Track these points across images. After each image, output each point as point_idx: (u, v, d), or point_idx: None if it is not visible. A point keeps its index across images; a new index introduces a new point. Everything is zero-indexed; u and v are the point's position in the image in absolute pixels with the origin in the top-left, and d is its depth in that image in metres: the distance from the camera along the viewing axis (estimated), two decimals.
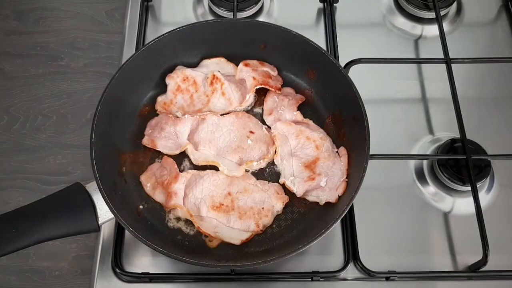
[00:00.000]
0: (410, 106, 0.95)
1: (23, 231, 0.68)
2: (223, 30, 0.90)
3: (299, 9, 1.06)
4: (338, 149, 0.84)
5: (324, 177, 0.80)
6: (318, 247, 0.81)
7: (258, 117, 0.89)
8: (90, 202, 0.72)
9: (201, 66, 0.92)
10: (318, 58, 0.86)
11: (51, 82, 2.13)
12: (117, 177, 0.81)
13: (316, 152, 0.83)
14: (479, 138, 0.87)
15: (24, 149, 1.99)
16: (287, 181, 0.82)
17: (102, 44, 2.21)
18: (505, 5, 1.07)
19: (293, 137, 0.85)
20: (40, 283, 1.75)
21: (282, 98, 0.88)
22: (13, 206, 0.79)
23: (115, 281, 0.78)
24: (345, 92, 0.82)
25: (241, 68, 0.88)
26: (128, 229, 0.70)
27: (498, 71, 0.99)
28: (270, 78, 0.89)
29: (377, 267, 0.78)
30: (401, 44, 1.03)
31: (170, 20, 1.05)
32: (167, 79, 0.89)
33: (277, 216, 0.81)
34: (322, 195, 0.80)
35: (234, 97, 0.88)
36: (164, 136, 0.85)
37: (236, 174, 0.82)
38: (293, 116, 0.88)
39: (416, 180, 0.87)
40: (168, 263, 0.80)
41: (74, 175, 1.94)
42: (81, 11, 2.29)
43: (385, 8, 1.07)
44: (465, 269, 0.80)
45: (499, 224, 0.83)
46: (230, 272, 0.78)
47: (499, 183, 0.87)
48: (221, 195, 0.80)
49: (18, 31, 2.24)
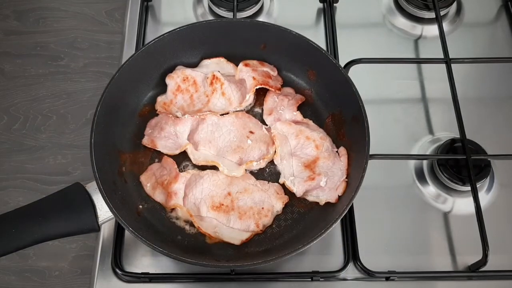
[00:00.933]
0: (410, 106, 0.95)
1: (23, 231, 0.68)
2: (223, 30, 0.90)
3: (299, 9, 1.06)
4: (338, 149, 0.84)
5: (324, 177, 0.80)
6: (318, 247, 0.81)
7: (258, 117, 0.89)
8: (90, 202, 0.72)
9: (201, 66, 0.92)
10: (318, 58, 0.86)
11: (51, 82, 2.13)
12: (117, 177, 0.81)
13: (316, 152, 0.83)
14: (479, 138, 0.87)
15: (24, 149, 1.99)
16: (287, 181, 0.82)
17: (102, 44, 2.21)
18: (505, 5, 1.07)
19: (293, 137, 0.85)
20: (40, 283, 1.75)
21: (282, 98, 0.88)
22: (13, 206, 0.79)
23: (115, 281, 0.78)
24: (345, 92, 0.82)
25: (241, 68, 0.88)
26: (128, 229, 0.70)
27: (498, 71, 0.99)
28: (270, 78, 0.89)
29: (377, 267, 0.78)
30: (401, 44, 1.03)
31: (170, 20, 1.05)
32: (167, 79, 0.89)
33: (277, 216, 0.81)
34: (322, 195, 0.80)
35: (234, 97, 0.88)
36: (164, 136, 0.85)
37: (236, 174, 0.82)
38: (293, 116, 0.88)
39: (416, 180, 0.87)
40: (168, 263, 0.80)
41: (74, 175, 1.94)
42: (81, 11, 2.29)
43: (385, 8, 1.07)
44: (465, 269, 0.80)
45: (499, 224, 0.83)
46: (230, 272, 0.78)
47: (499, 183, 0.87)
48: (221, 195, 0.80)
49: (18, 31, 2.24)
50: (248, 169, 0.84)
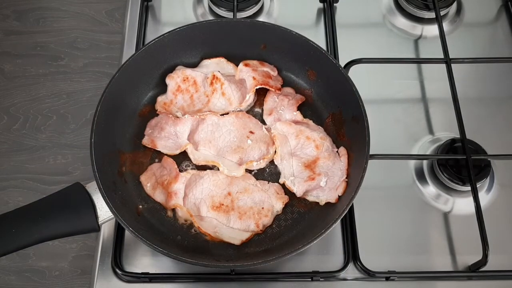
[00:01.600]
0: (410, 106, 0.95)
1: (23, 231, 0.68)
2: (223, 30, 0.89)
3: (299, 9, 1.06)
4: (338, 149, 0.84)
5: (324, 177, 0.80)
6: (318, 247, 0.81)
7: (258, 117, 0.89)
8: (90, 202, 0.72)
9: (201, 66, 0.92)
10: (318, 58, 0.86)
11: (51, 82, 2.13)
12: (117, 177, 0.81)
13: (316, 152, 0.83)
14: (479, 138, 0.87)
15: (24, 149, 1.99)
16: (287, 181, 0.82)
17: (102, 44, 2.21)
18: (505, 5, 1.07)
19: (293, 137, 0.85)
20: (40, 283, 1.75)
21: (282, 98, 0.88)
22: (12, 206, 0.79)
23: (115, 281, 0.78)
24: (345, 92, 0.82)
25: (241, 68, 0.88)
26: (128, 229, 0.70)
27: (498, 71, 0.99)
28: (270, 78, 0.89)
29: (377, 267, 0.78)
30: (401, 44, 1.03)
31: (170, 20, 1.05)
32: (167, 79, 0.89)
33: (277, 216, 0.81)
34: (322, 195, 0.80)
35: (234, 97, 0.88)
36: (164, 136, 0.85)
37: (236, 174, 0.82)
38: (293, 116, 0.88)
39: (416, 180, 0.87)
40: (168, 263, 0.80)
41: (74, 175, 1.94)
42: (81, 11, 2.29)
43: (385, 8, 1.07)
44: (465, 269, 0.80)
45: (499, 224, 0.83)
46: (230, 272, 0.78)
47: (499, 183, 0.87)
48: (221, 195, 0.80)
49: (18, 31, 2.24)
50: (248, 169, 0.84)
